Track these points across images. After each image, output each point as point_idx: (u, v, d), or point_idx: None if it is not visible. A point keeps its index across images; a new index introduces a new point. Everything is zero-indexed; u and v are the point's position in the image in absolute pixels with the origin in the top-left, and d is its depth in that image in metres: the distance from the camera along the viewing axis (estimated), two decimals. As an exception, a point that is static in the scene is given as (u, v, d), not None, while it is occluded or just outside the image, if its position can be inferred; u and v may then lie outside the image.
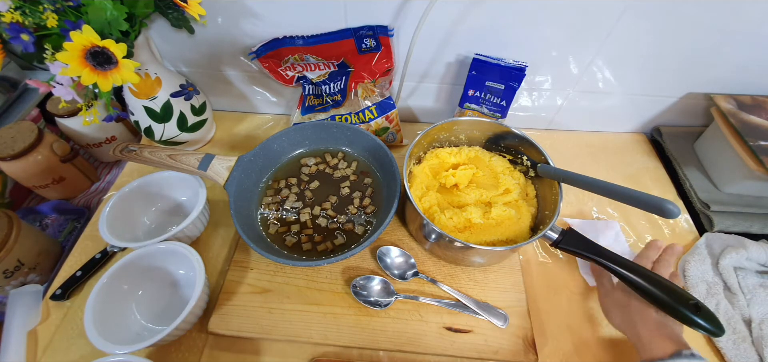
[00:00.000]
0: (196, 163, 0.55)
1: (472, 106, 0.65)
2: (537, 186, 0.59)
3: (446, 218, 0.53)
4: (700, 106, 0.68)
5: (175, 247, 0.49)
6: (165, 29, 0.61)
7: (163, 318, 0.49)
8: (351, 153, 0.65)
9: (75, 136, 0.67)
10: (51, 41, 0.43)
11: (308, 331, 0.49)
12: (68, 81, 0.45)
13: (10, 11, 0.41)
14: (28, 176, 0.61)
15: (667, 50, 0.59)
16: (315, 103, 0.67)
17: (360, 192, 0.60)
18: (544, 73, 0.64)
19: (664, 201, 0.40)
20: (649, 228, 0.61)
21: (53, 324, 0.51)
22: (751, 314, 0.50)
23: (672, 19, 0.54)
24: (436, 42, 0.61)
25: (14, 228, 0.52)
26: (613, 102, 0.69)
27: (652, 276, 0.44)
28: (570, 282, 0.55)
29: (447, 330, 0.49)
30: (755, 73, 0.61)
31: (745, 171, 0.56)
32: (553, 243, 0.50)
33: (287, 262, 0.48)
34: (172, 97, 0.61)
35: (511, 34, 0.58)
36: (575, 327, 0.51)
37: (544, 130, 0.76)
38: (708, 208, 0.59)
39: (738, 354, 0.47)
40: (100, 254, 0.55)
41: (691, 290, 0.53)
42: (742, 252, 0.53)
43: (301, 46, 0.62)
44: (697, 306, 0.41)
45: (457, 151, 0.61)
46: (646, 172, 0.69)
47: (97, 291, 0.45)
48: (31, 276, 0.55)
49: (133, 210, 0.57)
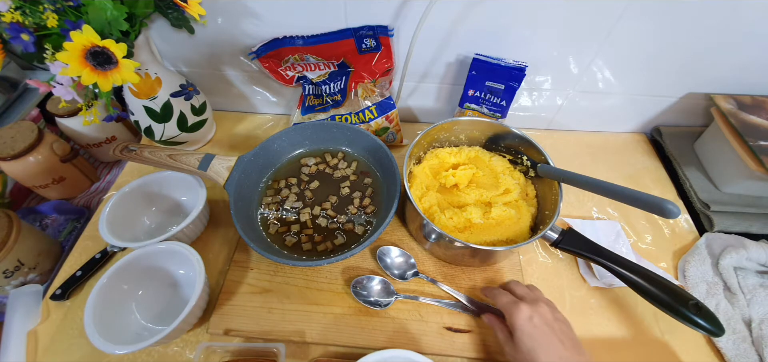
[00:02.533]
0: (196, 163, 0.55)
1: (472, 106, 0.65)
2: (537, 186, 0.59)
3: (446, 218, 0.53)
4: (700, 106, 0.68)
5: (175, 247, 0.49)
6: (165, 29, 0.61)
7: (163, 318, 0.49)
8: (351, 153, 0.65)
9: (75, 136, 0.67)
10: (51, 41, 0.43)
11: (308, 331, 0.49)
12: (68, 81, 0.45)
13: (10, 11, 0.42)
14: (28, 176, 0.61)
15: (667, 50, 0.59)
16: (315, 103, 0.67)
17: (360, 193, 0.60)
18: (544, 73, 0.64)
19: (664, 201, 0.40)
20: (649, 228, 0.61)
21: (53, 324, 0.51)
22: (751, 314, 0.50)
23: (672, 19, 0.54)
24: (436, 42, 0.61)
25: (14, 228, 0.52)
26: (613, 102, 0.69)
27: (652, 276, 0.44)
28: (570, 282, 0.55)
29: (447, 330, 0.49)
30: (755, 73, 0.61)
31: (745, 171, 0.56)
32: (553, 243, 0.50)
33: (287, 262, 0.48)
34: (172, 97, 0.61)
35: (511, 34, 0.58)
36: (575, 327, 0.51)
37: (544, 130, 0.76)
38: (708, 208, 0.59)
39: (738, 354, 0.47)
40: (100, 254, 0.55)
41: (691, 290, 0.53)
42: (742, 252, 0.53)
43: (301, 46, 0.62)
44: (697, 306, 0.41)
45: (457, 151, 0.61)
46: (646, 172, 0.69)
47: (97, 291, 0.45)
48: (31, 276, 0.55)
49: (133, 210, 0.57)
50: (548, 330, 0.39)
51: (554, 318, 0.41)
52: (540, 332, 0.39)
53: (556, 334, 0.39)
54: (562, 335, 0.40)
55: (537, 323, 0.40)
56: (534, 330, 0.39)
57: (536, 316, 0.40)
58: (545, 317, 0.41)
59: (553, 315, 0.41)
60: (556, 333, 0.39)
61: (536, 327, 0.40)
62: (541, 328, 0.39)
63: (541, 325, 0.40)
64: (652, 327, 0.51)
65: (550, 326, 0.40)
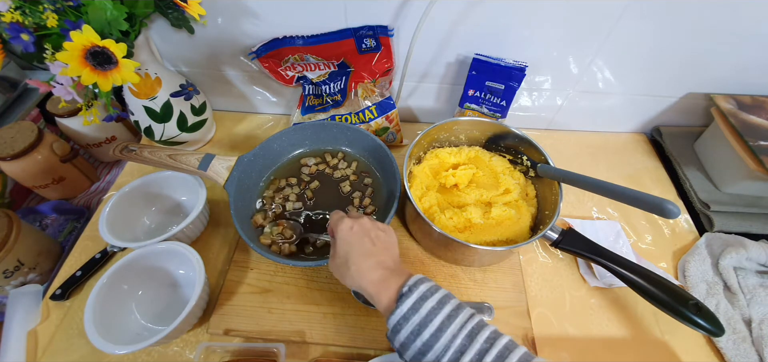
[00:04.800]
0: (196, 163, 0.55)
1: (472, 106, 0.65)
2: (537, 186, 0.59)
3: (446, 218, 0.53)
4: (700, 106, 0.68)
5: (175, 247, 0.49)
6: (165, 29, 0.61)
7: (163, 318, 0.49)
8: (351, 153, 0.65)
9: (75, 136, 0.67)
10: (51, 41, 0.43)
11: (308, 331, 0.49)
12: (68, 81, 0.45)
13: (10, 11, 0.41)
14: (28, 176, 0.61)
15: (667, 50, 0.59)
16: (315, 103, 0.67)
17: (360, 193, 0.60)
18: (544, 73, 0.64)
19: (664, 201, 0.40)
20: (649, 228, 0.61)
21: (53, 324, 0.51)
22: (751, 314, 0.50)
23: (672, 19, 0.54)
24: (436, 42, 0.61)
25: (14, 228, 0.52)
26: (613, 102, 0.69)
27: (652, 276, 0.44)
28: (570, 282, 0.55)
29: (447, 330, 0.49)
30: (755, 73, 0.61)
31: (745, 171, 0.56)
32: (553, 243, 0.50)
33: (287, 262, 0.48)
34: (172, 97, 0.61)
35: (511, 34, 0.58)
36: (575, 327, 0.51)
37: (544, 130, 0.76)
38: (708, 208, 0.59)
39: (738, 354, 0.47)
40: (100, 254, 0.55)
41: (691, 290, 0.53)
42: (742, 252, 0.53)
43: (301, 46, 0.62)
44: (698, 306, 0.41)
45: (457, 151, 0.61)
46: (646, 172, 0.69)
47: (97, 291, 0.45)
48: (31, 276, 0.55)
49: (133, 210, 0.57)
50: (363, 234, 0.40)
51: (373, 226, 0.42)
52: (356, 237, 0.40)
53: (369, 237, 0.40)
54: (376, 238, 0.40)
55: (356, 230, 0.40)
56: (352, 236, 0.40)
57: (356, 225, 0.41)
58: (364, 226, 0.41)
59: (372, 225, 0.42)
60: (369, 236, 0.40)
61: (355, 233, 0.40)
62: (358, 234, 0.40)
63: (358, 231, 0.40)
64: (652, 327, 0.51)
65: (366, 232, 0.40)
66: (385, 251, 0.40)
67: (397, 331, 0.33)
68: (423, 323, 0.32)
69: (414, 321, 0.32)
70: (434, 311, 0.33)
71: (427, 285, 0.34)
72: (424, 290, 0.34)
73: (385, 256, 0.39)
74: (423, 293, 0.34)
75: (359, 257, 0.38)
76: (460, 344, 0.31)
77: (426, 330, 0.32)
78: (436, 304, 0.33)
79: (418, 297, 0.33)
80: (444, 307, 0.33)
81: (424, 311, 0.33)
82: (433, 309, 0.33)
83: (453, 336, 0.31)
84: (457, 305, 0.33)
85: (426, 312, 0.33)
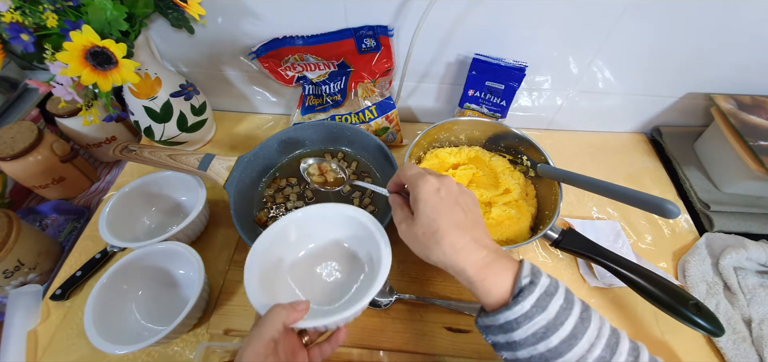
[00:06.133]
0: (196, 163, 0.55)
1: (472, 106, 0.65)
2: (537, 186, 0.59)
3: (446, 218, 0.53)
4: (700, 106, 0.68)
5: (175, 247, 0.49)
6: (165, 29, 0.61)
7: (163, 318, 0.49)
8: (351, 153, 0.65)
9: (75, 136, 0.67)
10: (51, 41, 0.43)
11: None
12: (68, 81, 0.45)
13: (10, 11, 0.41)
14: (28, 176, 0.61)
15: (667, 50, 0.59)
16: (315, 103, 0.67)
17: (360, 193, 0.60)
18: (544, 73, 0.64)
19: (664, 201, 0.40)
20: (649, 228, 0.61)
21: (53, 324, 0.51)
22: (751, 314, 0.50)
23: (672, 19, 0.54)
24: (436, 42, 0.61)
25: (14, 228, 0.52)
26: (613, 102, 0.69)
27: (652, 276, 0.44)
28: (570, 282, 0.55)
29: (447, 330, 0.49)
30: (755, 73, 0.61)
31: (745, 171, 0.56)
32: (553, 243, 0.50)
33: (287, 262, 0.48)
34: (172, 97, 0.61)
35: (511, 34, 0.58)
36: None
37: (544, 130, 0.76)
38: (708, 208, 0.59)
39: (738, 354, 0.47)
40: (100, 254, 0.55)
41: (691, 290, 0.53)
42: (742, 252, 0.53)
43: (301, 46, 0.62)
44: (697, 306, 0.41)
45: (457, 151, 0.61)
46: (646, 172, 0.69)
47: (97, 291, 0.45)
48: (31, 276, 0.55)
49: (133, 210, 0.57)
50: (453, 201, 0.35)
51: (461, 191, 0.37)
52: (445, 203, 0.35)
53: (460, 205, 0.35)
54: (466, 207, 0.36)
55: (443, 195, 0.35)
56: (439, 201, 0.35)
57: (444, 189, 0.36)
58: (452, 190, 0.36)
59: (459, 190, 0.37)
60: (460, 204, 0.36)
61: (442, 199, 0.35)
62: (446, 200, 0.35)
63: (446, 197, 0.35)
64: (652, 327, 0.51)
65: (455, 198, 0.36)
66: (477, 225, 0.35)
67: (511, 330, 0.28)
68: (551, 325, 0.27)
69: (539, 322, 0.27)
70: (564, 312, 0.27)
71: (547, 278, 0.29)
72: (547, 284, 0.29)
73: (479, 232, 0.34)
74: (547, 288, 0.29)
75: (452, 230, 0.33)
76: (599, 356, 0.26)
77: (554, 335, 0.27)
78: (565, 302, 0.28)
79: (543, 292, 0.28)
80: (574, 307, 0.28)
81: (553, 311, 0.27)
82: (562, 309, 0.27)
83: (591, 345, 0.26)
84: (584, 304, 0.28)
85: (555, 312, 0.27)
